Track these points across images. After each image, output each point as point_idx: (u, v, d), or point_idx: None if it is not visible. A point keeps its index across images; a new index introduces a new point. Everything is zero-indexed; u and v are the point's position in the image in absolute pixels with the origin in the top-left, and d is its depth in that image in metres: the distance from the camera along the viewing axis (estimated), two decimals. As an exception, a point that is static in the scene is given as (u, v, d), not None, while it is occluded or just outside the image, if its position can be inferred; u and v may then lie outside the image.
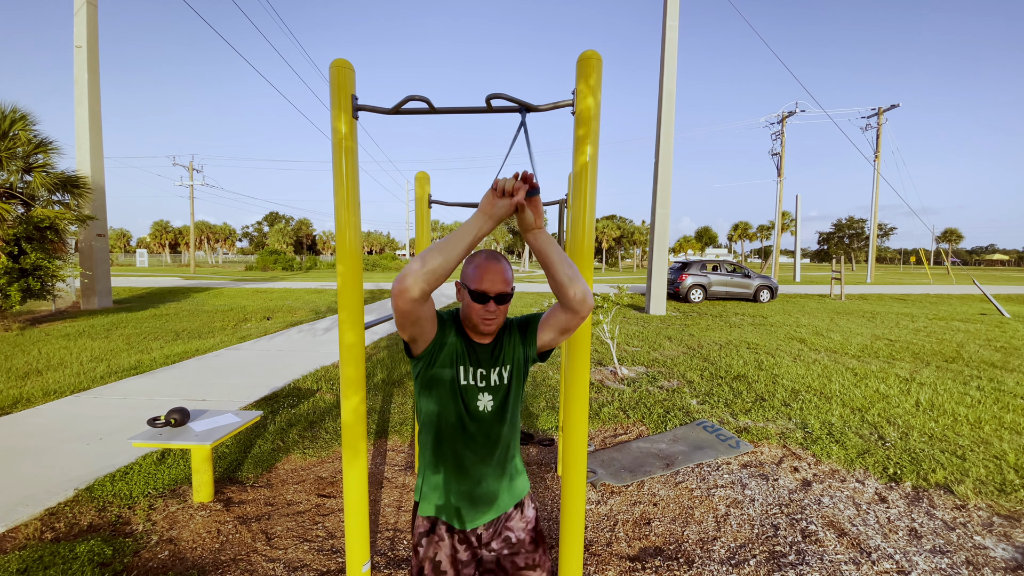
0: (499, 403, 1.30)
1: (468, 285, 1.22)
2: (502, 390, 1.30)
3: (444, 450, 1.30)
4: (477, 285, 1.20)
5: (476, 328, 1.26)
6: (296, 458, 3.56)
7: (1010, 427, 4.20)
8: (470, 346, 1.28)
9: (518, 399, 1.34)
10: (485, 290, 1.19)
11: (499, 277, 1.20)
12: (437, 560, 1.31)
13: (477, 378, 1.28)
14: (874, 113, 29.51)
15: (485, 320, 1.22)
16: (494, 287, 1.20)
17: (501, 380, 1.30)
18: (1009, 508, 2.90)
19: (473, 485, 1.31)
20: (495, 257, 1.24)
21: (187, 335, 8.46)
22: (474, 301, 1.21)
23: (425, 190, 3.08)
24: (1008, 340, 8.55)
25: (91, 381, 5.38)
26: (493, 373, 1.29)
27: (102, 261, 12.35)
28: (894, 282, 29.97)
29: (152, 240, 66.22)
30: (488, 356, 1.30)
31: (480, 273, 1.20)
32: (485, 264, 1.21)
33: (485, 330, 1.25)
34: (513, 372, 1.31)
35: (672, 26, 11.77)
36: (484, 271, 1.20)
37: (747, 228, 64.61)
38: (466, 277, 1.24)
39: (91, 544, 2.42)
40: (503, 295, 1.21)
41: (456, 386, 1.26)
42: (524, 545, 1.36)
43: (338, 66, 1.83)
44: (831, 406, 4.75)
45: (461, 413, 1.27)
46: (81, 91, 12.07)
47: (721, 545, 2.56)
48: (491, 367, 1.29)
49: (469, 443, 1.29)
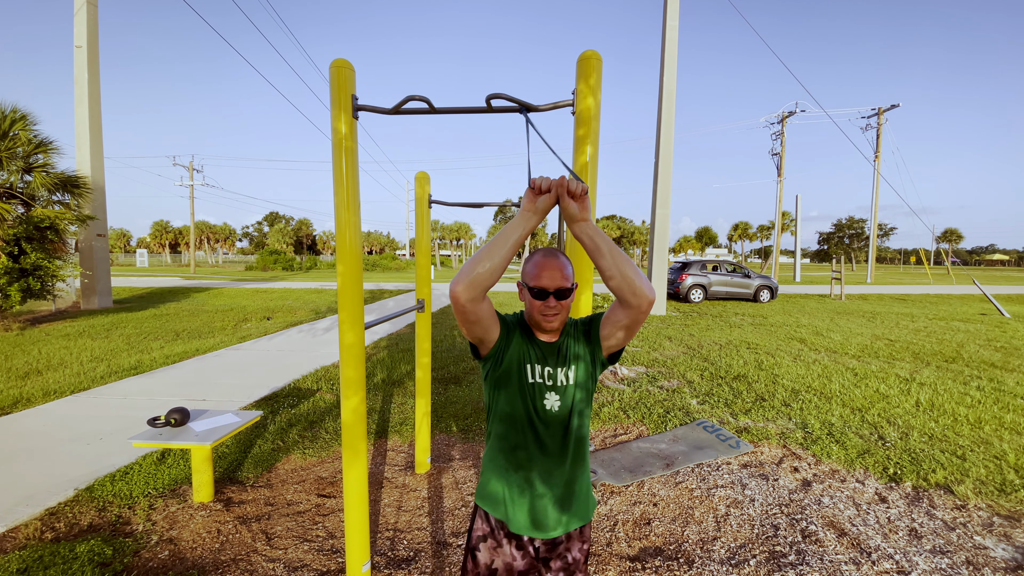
0: (567, 405, 1.27)
1: (527, 283, 1.23)
2: (569, 391, 1.27)
3: (511, 451, 1.29)
4: (536, 282, 1.20)
5: (539, 326, 1.26)
6: (296, 458, 3.56)
7: (1010, 427, 4.19)
8: (536, 345, 1.28)
9: (586, 404, 1.30)
10: (544, 286, 1.20)
11: (557, 273, 1.20)
12: (494, 568, 1.31)
13: (544, 376, 1.26)
14: (874, 113, 29.51)
15: (546, 317, 1.22)
16: (553, 282, 1.20)
17: (567, 380, 1.27)
18: (1009, 508, 2.90)
19: (538, 491, 1.28)
20: (552, 253, 1.23)
21: (187, 335, 8.46)
22: (534, 298, 1.22)
23: (425, 190, 3.08)
24: (1008, 340, 8.55)
25: (91, 381, 5.38)
26: (560, 372, 1.27)
27: (102, 261, 12.36)
28: (894, 282, 29.97)
29: (152, 240, 66.25)
30: (554, 355, 1.28)
31: (538, 270, 1.20)
32: (543, 261, 1.21)
33: (547, 327, 1.25)
34: (579, 374, 1.28)
35: (672, 25, 11.77)
36: (542, 267, 1.20)
37: (747, 228, 64.61)
38: (525, 275, 1.24)
39: (91, 544, 2.42)
40: (562, 290, 1.21)
41: (524, 383, 1.25)
42: (579, 566, 1.34)
43: (338, 66, 1.83)
44: (831, 406, 4.75)
45: (530, 412, 1.26)
46: (81, 91, 12.08)
47: (721, 545, 2.56)
48: (557, 366, 1.27)
49: (538, 445, 1.27)
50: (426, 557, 2.44)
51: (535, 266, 1.21)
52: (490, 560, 1.31)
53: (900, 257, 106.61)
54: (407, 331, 9.04)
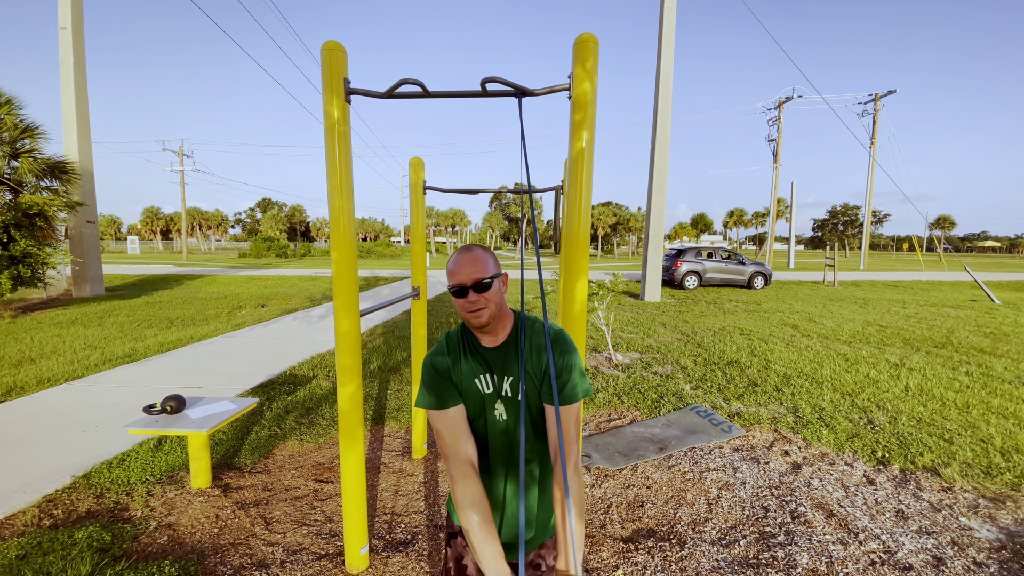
0: (513, 417, 1.22)
1: (449, 285, 1.20)
2: (514, 404, 1.22)
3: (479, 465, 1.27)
4: (454, 279, 1.18)
5: (471, 324, 1.20)
6: (293, 444, 3.58)
7: (997, 411, 4.27)
8: (480, 355, 1.24)
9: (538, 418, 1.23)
10: (461, 283, 1.17)
11: (470, 267, 1.17)
12: (463, 564, 1.31)
13: (490, 384, 1.23)
14: (871, 99, 29.40)
15: (471, 313, 1.17)
16: (469, 276, 1.16)
17: (514, 391, 1.22)
18: (995, 490, 2.97)
19: (499, 504, 1.26)
20: (468, 248, 1.21)
21: (181, 323, 8.43)
22: (456, 297, 1.19)
23: (420, 176, 3.06)
24: (997, 326, 8.67)
25: (85, 369, 5.36)
26: (505, 383, 1.22)
27: (93, 248, 12.22)
28: (887, 269, 30.19)
29: (143, 227, 65.42)
30: (498, 362, 1.23)
31: (454, 267, 1.18)
32: (457, 258, 1.19)
33: (476, 323, 1.18)
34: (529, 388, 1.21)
35: (670, 8, 11.62)
36: (457, 264, 1.18)
37: (742, 215, 64.63)
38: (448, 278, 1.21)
39: (90, 530, 2.44)
40: (480, 282, 1.17)
41: (479, 393, 1.23)
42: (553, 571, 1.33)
43: (330, 48, 1.80)
44: (822, 391, 4.81)
45: (484, 421, 1.24)
46: (67, 74, 11.80)
47: (712, 526, 2.61)
48: (501, 375, 1.22)
49: (494, 457, 1.25)
50: (423, 540, 2.48)
51: (452, 264, 1.19)
52: (459, 555, 1.32)
53: (893, 244, 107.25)
54: (403, 318, 9.04)
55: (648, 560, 2.34)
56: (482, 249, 1.22)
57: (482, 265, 1.18)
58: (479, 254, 1.20)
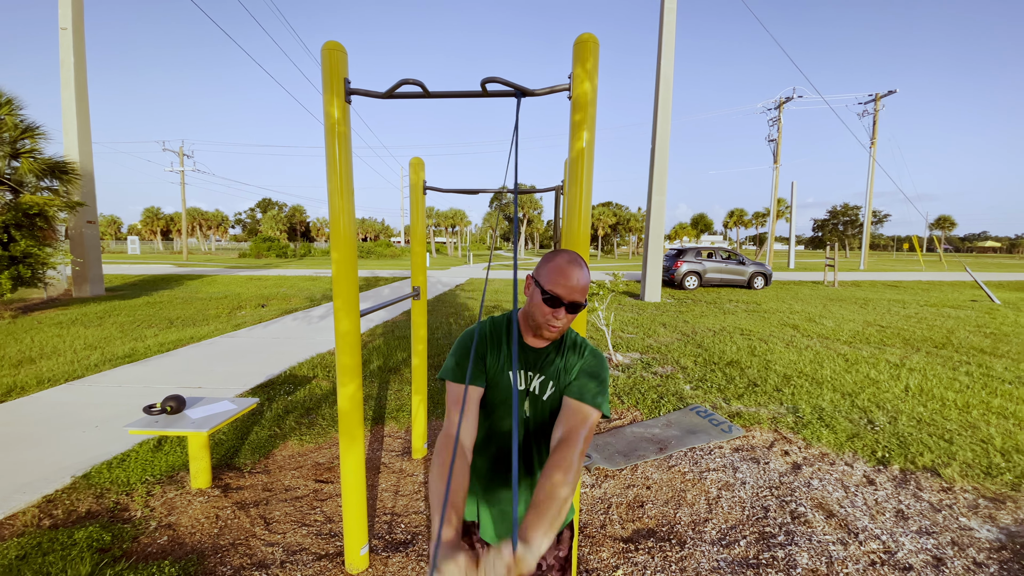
0: (537, 416, 1.22)
1: (542, 284, 1.13)
2: (539, 404, 1.21)
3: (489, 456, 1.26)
4: (552, 288, 1.11)
5: (538, 329, 1.17)
6: (293, 444, 3.58)
7: (997, 412, 4.27)
8: (521, 347, 1.22)
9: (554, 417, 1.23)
10: (559, 295, 1.10)
11: (577, 285, 1.11)
12: None
13: (523, 381, 1.22)
14: (871, 99, 29.40)
15: (551, 326, 1.14)
16: (570, 295, 1.11)
17: (543, 390, 1.21)
18: (995, 491, 2.97)
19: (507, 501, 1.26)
20: (577, 262, 1.13)
21: (181, 323, 8.43)
22: (544, 303, 1.12)
23: (420, 176, 3.06)
24: (998, 326, 8.66)
25: (85, 369, 5.36)
26: (535, 380, 1.21)
27: (93, 248, 12.22)
28: (887, 269, 30.18)
29: (143, 227, 65.42)
30: (537, 362, 1.21)
31: (557, 276, 1.11)
32: (566, 268, 1.11)
33: (547, 336, 1.16)
34: (553, 391, 1.21)
35: (670, 8, 11.62)
36: (562, 275, 1.11)
37: (743, 215, 64.59)
38: (541, 275, 1.14)
39: (90, 530, 2.44)
40: (576, 304, 1.12)
41: (510, 387, 1.20)
42: (551, 571, 1.30)
43: (330, 49, 1.80)
44: (822, 391, 4.81)
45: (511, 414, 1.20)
46: (67, 74, 11.81)
47: (712, 527, 2.61)
48: (535, 373, 1.21)
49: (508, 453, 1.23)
50: (423, 540, 2.48)
51: (555, 271, 1.12)
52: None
53: (893, 244, 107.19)
54: (403, 318, 9.04)
55: (648, 560, 2.33)
56: (587, 267, 1.16)
57: (587, 286, 1.14)
58: (587, 274, 1.14)
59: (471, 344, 1.22)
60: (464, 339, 1.24)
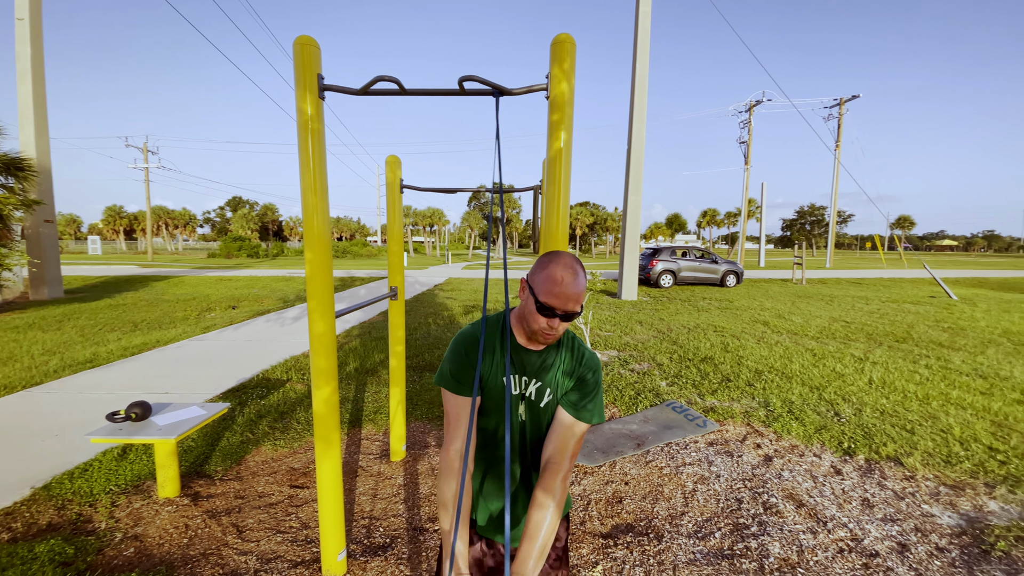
0: (532, 420, 1.23)
1: (536, 292, 1.11)
2: (536, 409, 1.22)
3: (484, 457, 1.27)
4: (547, 298, 1.09)
5: (533, 335, 1.17)
6: (267, 450, 3.49)
7: (956, 403, 4.48)
8: (515, 351, 1.21)
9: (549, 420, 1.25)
10: (554, 306, 1.08)
11: (573, 293, 1.09)
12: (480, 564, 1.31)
13: (522, 386, 1.21)
14: (836, 103, 30.43)
15: (545, 333, 1.13)
16: (564, 305, 1.09)
17: (539, 397, 1.21)
18: (954, 478, 3.11)
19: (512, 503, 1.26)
20: (573, 270, 1.10)
21: (146, 326, 8.13)
22: (538, 312, 1.11)
23: (396, 175, 3.02)
24: (955, 321, 9.08)
25: (43, 375, 5.12)
26: (532, 386, 1.21)
27: (51, 248, 11.67)
28: (851, 267, 31.31)
29: (105, 226, 62.79)
30: (532, 366, 1.21)
31: (552, 286, 1.08)
32: (562, 278, 1.08)
33: (543, 341, 1.16)
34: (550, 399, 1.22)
35: (645, 12, 11.78)
36: (558, 285, 1.08)
37: (715, 215, 66.09)
38: (535, 282, 1.12)
39: (51, 543, 2.33)
40: (570, 314, 1.11)
41: (504, 391, 1.20)
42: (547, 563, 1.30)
43: (303, 43, 1.76)
44: (791, 385, 4.96)
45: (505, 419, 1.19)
46: (24, 67, 11.23)
47: (689, 520, 2.66)
48: (531, 377, 1.21)
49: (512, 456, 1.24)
50: (403, 543, 2.45)
51: (550, 280, 1.09)
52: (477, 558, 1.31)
53: (857, 243, 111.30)
54: (380, 319, 8.93)
55: (627, 555, 2.37)
56: (583, 272, 1.13)
57: (582, 295, 1.12)
58: (583, 282, 1.12)
59: (469, 350, 1.21)
60: (460, 344, 1.22)
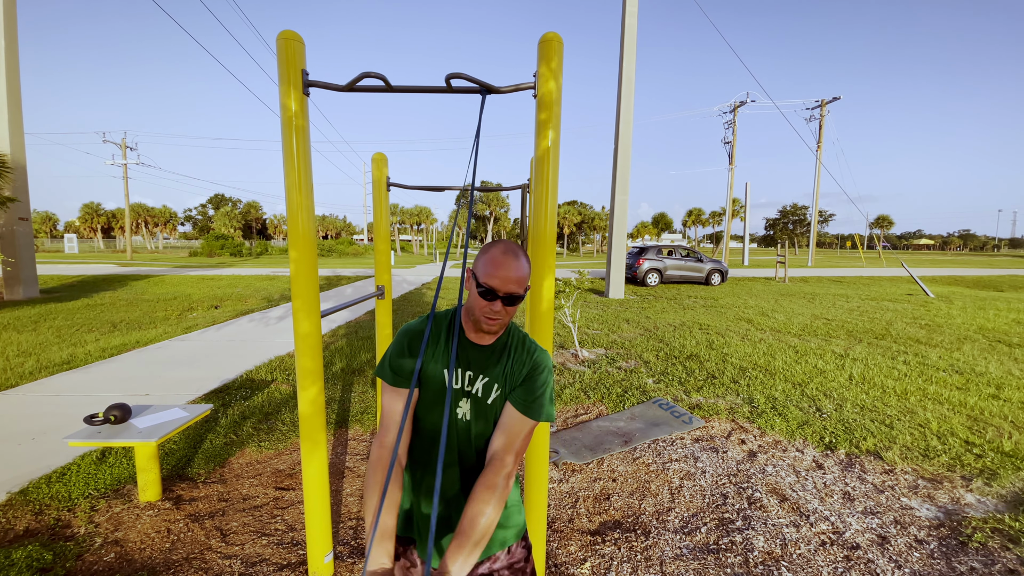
0: (476, 417, 1.16)
1: (477, 277, 1.08)
2: (482, 406, 1.15)
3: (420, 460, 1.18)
4: (486, 280, 1.06)
5: (478, 324, 1.11)
6: (251, 451, 3.44)
7: (933, 398, 4.60)
8: (464, 346, 1.16)
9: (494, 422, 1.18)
10: (494, 287, 1.05)
11: (513, 276, 1.06)
12: None
13: (460, 380, 1.15)
14: (818, 105, 30.98)
15: (488, 319, 1.08)
16: (505, 286, 1.05)
17: (487, 393, 1.14)
18: (932, 471, 3.20)
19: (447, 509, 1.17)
20: (513, 251, 1.08)
21: (125, 326, 7.95)
22: (480, 296, 1.07)
23: (383, 172, 3.00)
24: (932, 318, 9.32)
25: (19, 378, 4.98)
26: (479, 381, 1.14)
27: (26, 247, 11.34)
28: (832, 265, 31.93)
29: (82, 224, 61.25)
30: (479, 362, 1.15)
31: (492, 268, 1.06)
32: (501, 259, 1.06)
33: (487, 329, 1.11)
34: (498, 394, 1.15)
35: (631, 12, 11.85)
36: (497, 266, 1.06)
37: (700, 214, 66.83)
38: (477, 268, 1.09)
39: (29, 550, 2.26)
40: (513, 296, 1.06)
41: (444, 385, 1.14)
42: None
43: (286, 38, 1.74)
44: (775, 382, 5.04)
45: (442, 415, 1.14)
46: (-7, 59, 10.90)
47: (675, 515, 2.69)
48: (477, 372, 1.15)
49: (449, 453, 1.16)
50: (390, 544, 2.44)
51: (490, 262, 1.07)
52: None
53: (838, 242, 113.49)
54: (367, 318, 8.86)
55: (615, 552, 2.38)
56: (526, 257, 1.11)
57: (524, 278, 1.08)
58: (524, 264, 1.08)
59: (412, 341, 1.16)
60: (403, 335, 1.18)
